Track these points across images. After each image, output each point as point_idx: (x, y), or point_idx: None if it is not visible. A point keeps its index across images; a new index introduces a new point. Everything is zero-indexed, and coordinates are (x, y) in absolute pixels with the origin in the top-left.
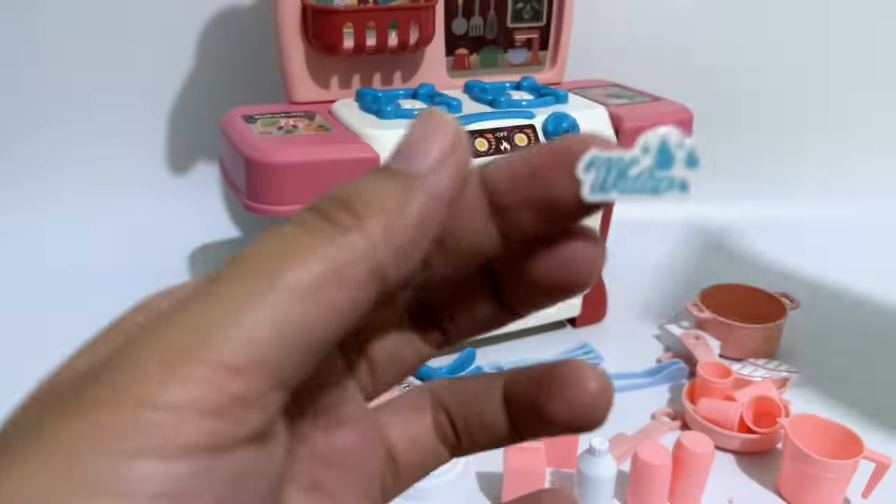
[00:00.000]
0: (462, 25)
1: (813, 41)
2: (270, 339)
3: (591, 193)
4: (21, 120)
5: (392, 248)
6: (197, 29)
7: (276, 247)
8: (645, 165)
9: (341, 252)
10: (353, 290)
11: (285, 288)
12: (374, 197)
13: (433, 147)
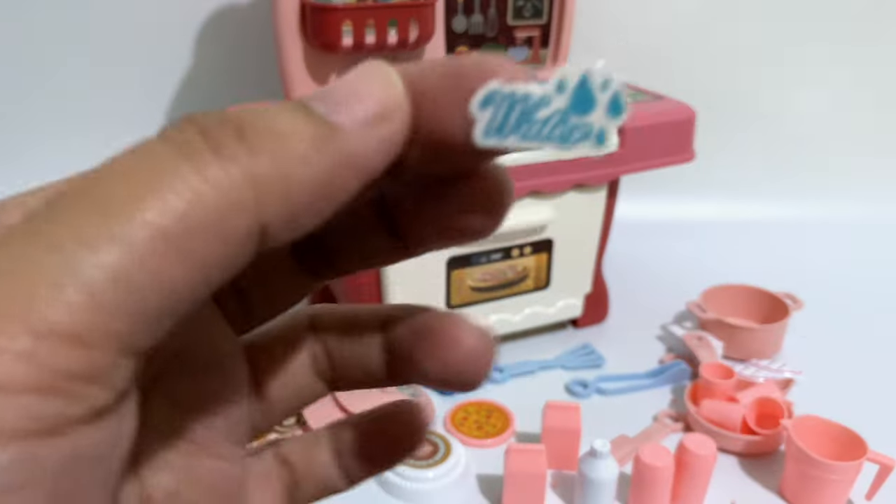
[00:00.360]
0: (462, 23)
1: (815, 40)
2: (117, 298)
3: (483, 136)
4: (17, 119)
5: (282, 206)
6: (195, 27)
7: (134, 169)
8: (557, 107)
9: (215, 191)
10: (227, 244)
11: (138, 230)
12: (276, 131)
13: (366, 100)
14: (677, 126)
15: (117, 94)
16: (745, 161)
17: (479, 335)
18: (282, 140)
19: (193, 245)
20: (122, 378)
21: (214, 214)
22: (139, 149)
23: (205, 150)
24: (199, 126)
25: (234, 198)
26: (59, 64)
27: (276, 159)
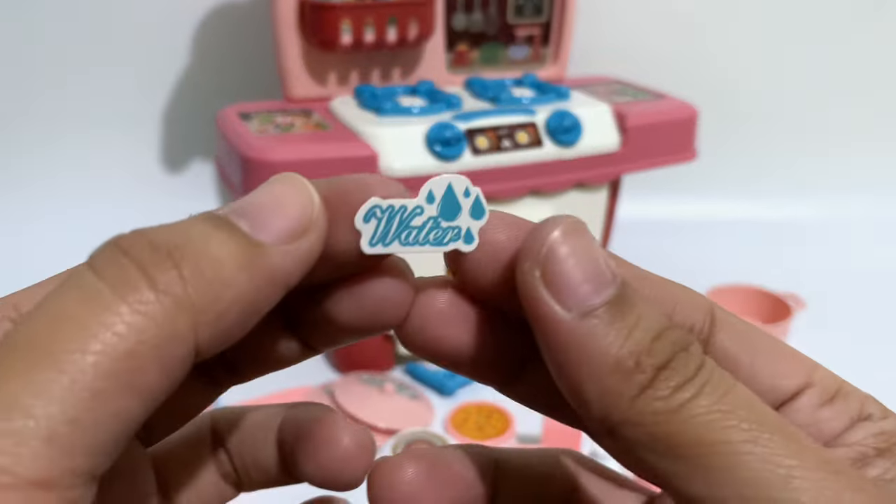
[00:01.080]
0: (462, 21)
1: (817, 40)
2: (74, 439)
3: (369, 246)
4: (13, 118)
5: (214, 328)
6: (192, 25)
7: (75, 312)
8: (430, 214)
9: (155, 327)
10: (167, 374)
11: (86, 374)
12: (208, 256)
13: (285, 216)
14: (679, 125)
15: (114, 92)
16: (747, 160)
17: (355, 436)
18: (212, 265)
19: (138, 378)
20: (87, 500)
21: (155, 349)
22: (77, 286)
23: (141, 285)
24: (131, 257)
25: (172, 330)
26: (57, 63)
27: (209, 285)
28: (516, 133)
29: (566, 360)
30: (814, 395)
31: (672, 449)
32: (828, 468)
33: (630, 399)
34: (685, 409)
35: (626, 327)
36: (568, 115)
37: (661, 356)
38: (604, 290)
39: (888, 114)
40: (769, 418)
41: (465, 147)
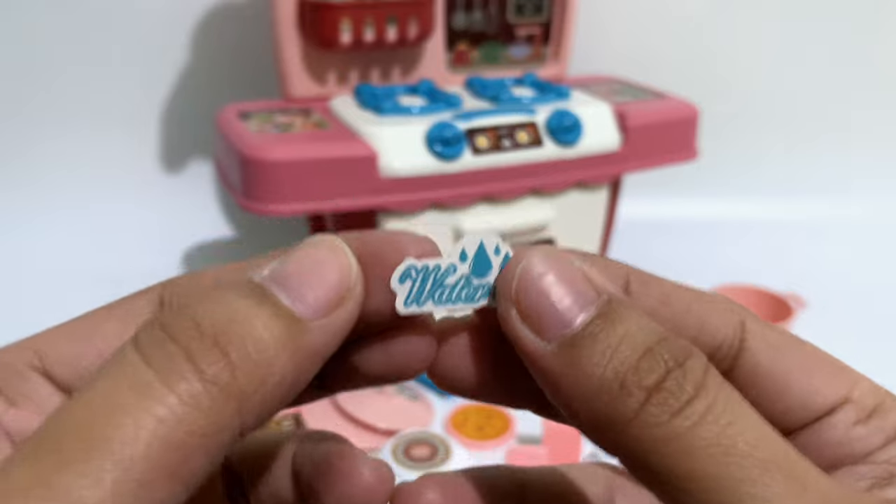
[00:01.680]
0: (462, 20)
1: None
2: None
3: (405, 306)
4: (12, 117)
5: (259, 410)
6: (191, 24)
7: (123, 397)
8: (462, 273)
9: (203, 418)
10: (212, 459)
11: (132, 462)
12: (253, 339)
13: (324, 285)
14: (680, 124)
15: (113, 91)
16: (748, 160)
17: (375, 469)
18: (258, 348)
19: (186, 467)
20: None
21: (202, 438)
22: (125, 374)
23: (190, 376)
24: (179, 344)
25: (218, 419)
26: (56, 63)
27: (255, 369)
28: (516, 132)
29: (556, 391)
30: (850, 411)
31: (669, 479)
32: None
33: (623, 424)
34: (682, 439)
35: (608, 347)
36: (568, 115)
37: (650, 376)
38: (581, 313)
39: (889, 113)
40: (778, 455)
41: (465, 146)
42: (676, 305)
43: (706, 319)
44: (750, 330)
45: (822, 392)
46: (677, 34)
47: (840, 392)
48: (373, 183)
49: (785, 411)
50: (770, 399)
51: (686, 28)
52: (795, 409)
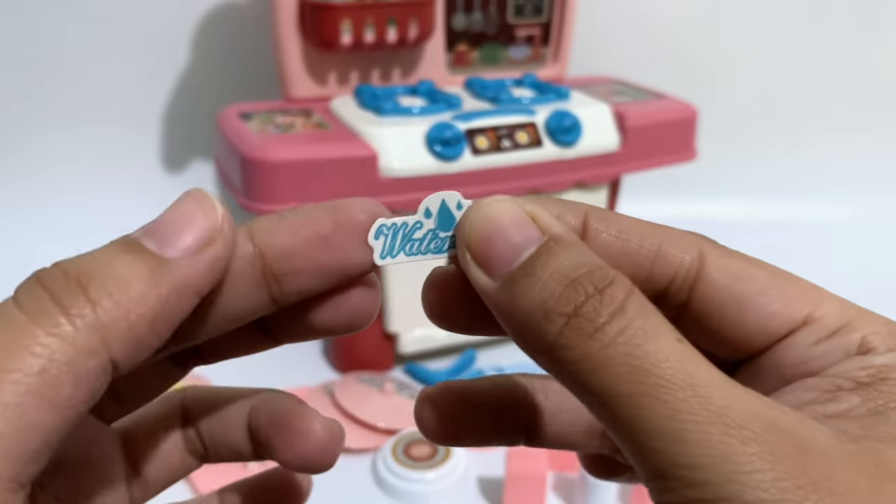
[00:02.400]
0: (462, 21)
1: (817, 39)
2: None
3: (380, 259)
4: (12, 118)
5: (126, 341)
6: (192, 25)
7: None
8: (428, 228)
9: (67, 346)
10: (82, 385)
11: (7, 393)
12: (114, 277)
13: (190, 230)
14: (679, 125)
15: (114, 92)
16: (747, 160)
17: (328, 428)
18: (118, 284)
19: (56, 392)
20: (20, 502)
21: (67, 364)
22: (2, 316)
23: (54, 311)
24: (46, 288)
25: (83, 347)
26: (58, 63)
27: (117, 304)
28: (516, 133)
29: (503, 323)
30: (810, 332)
31: (586, 397)
32: (723, 422)
33: (547, 348)
34: (594, 359)
35: (538, 281)
36: (568, 115)
37: (570, 304)
38: (523, 252)
39: (889, 113)
40: (682, 373)
41: (464, 147)
42: (633, 238)
43: (663, 249)
44: (708, 258)
45: (780, 315)
46: (676, 35)
47: (801, 313)
48: (373, 183)
49: (743, 337)
50: (728, 326)
51: (685, 29)
52: (754, 334)
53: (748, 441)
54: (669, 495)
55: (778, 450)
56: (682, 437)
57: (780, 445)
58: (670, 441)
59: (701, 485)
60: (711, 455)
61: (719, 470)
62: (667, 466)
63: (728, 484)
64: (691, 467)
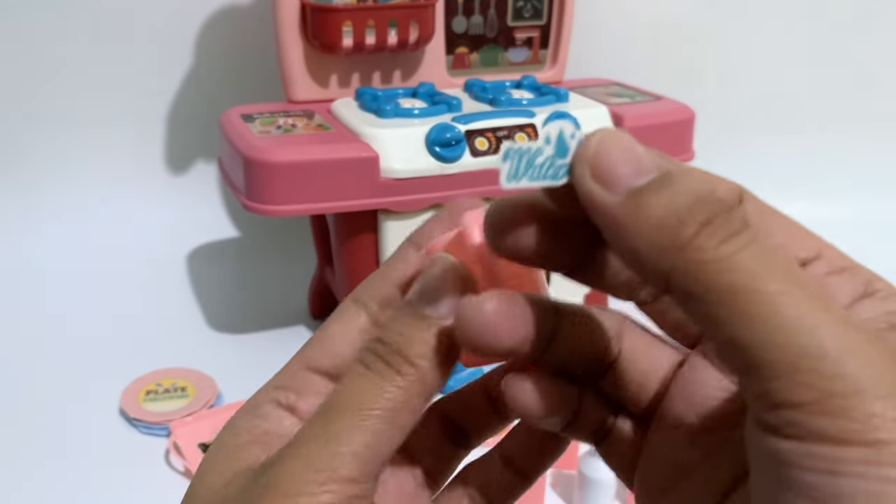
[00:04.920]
0: (462, 24)
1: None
2: (367, 456)
3: (507, 182)
4: (16, 119)
5: (438, 378)
6: (195, 27)
7: (361, 387)
8: (548, 154)
9: (404, 392)
10: (414, 414)
11: (372, 421)
12: (422, 346)
13: (450, 291)
14: (676, 126)
15: (118, 94)
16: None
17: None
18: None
19: (400, 421)
20: (373, 492)
21: (407, 403)
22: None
23: (390, 372)
24: (378, 353)
25: (415, 392)
26: (58, 63)
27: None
28: (515, 134)
29: (621, 236)
30: (822, 265)
31: (716, 295)
32: (849, 323)
33: (677, 250)
34: (729, 261)
35: (667, 195)
36: (566, 117)
37: (703, 214)
38: (645, 174)
39: (887, 113)
40: (804, 279)
41: (464, 148)
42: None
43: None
44: (746, 196)
45: (798, 246)
46: (673, 38)
47: (814, 248)
48: (374, 184)
49: None
50: None
51: (682, 32)
52: None
53: (872, 341)
54: (802, 391)
55: (893, 353)
56: (816, 332)
57: (892, 350)
58: (804, 334)
59: (835, 377)
60: (845, 349)
61: (853, 362)
62: (798, 360)
63: (861, 377)
64: (826, 359)
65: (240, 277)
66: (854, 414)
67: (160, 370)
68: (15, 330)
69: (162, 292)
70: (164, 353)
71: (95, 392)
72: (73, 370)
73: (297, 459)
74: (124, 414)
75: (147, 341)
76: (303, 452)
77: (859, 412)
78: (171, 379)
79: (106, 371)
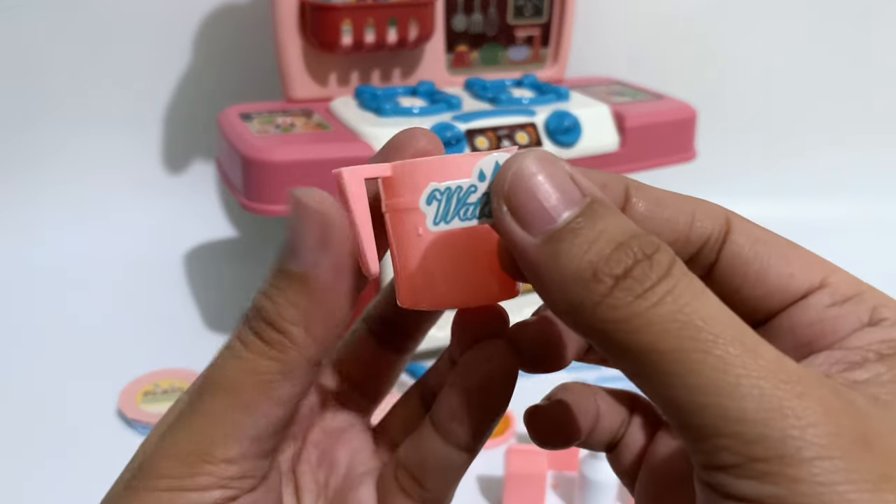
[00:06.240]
0: (462, 22)
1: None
2: (242, 435)
3: (434, 225)
4: (14, 118)
5: (317, 340)
6: (193, 26)
7: (233, 365)
8: (482, 191)
9: (278, 364)
10: (297, 382)
11: (246, 398)
12: (290, 310)
13: (307, 240)
14: (678, 125)
15: (116, 93)
16: (746, 161)
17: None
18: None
19: (281, 392)
20: (264, 469)
21: (285, 373)
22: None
23: (262, 346)
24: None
25: (290, 361)
26: (60, 65)
27: (297, 326)
28: (516, 133)
29: (539, 280)
30: (825, 295)
31: (631, 357)
32: (776, 377)
33: (591, 307)
34: (642, 317)
35: (586, 242)
36: (567, 116)
37: (620, 265)
38: (565, 211)
39: (889, 114)
40: (730, 329)
41: (465, 147)
42: (670, 206)
43: (696, 216)
44: (734, 224)
45: (798, 277)
46: (675, 36)
47: (817, 277)
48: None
49: (764, 295)
50: (751, 284)
51: (684, 30)
52: (774, 293)
53: (803, 395)
54: (723, 454)
55: (832, 405)
56: (735, 391)
57: (833, 401)
58: (724, 395)
59: (757, 440)
60: (767, 409)
61: (776, 424)
62: (720, 422)
63: (785, 440)
64: (747, 422)
65: (238, 277)
66: (777, 479)
67: (158, 371)
68: (12, 330)
69: (160, 292)
70: (162, 353)
71: (93, 393)
72: (71, 371)
73: (167, 440)
74: (122, 415)
75: (144, 342)
76: (173, 432)
77: (783, 477)
78: (169, 380)
79: (103, 372)
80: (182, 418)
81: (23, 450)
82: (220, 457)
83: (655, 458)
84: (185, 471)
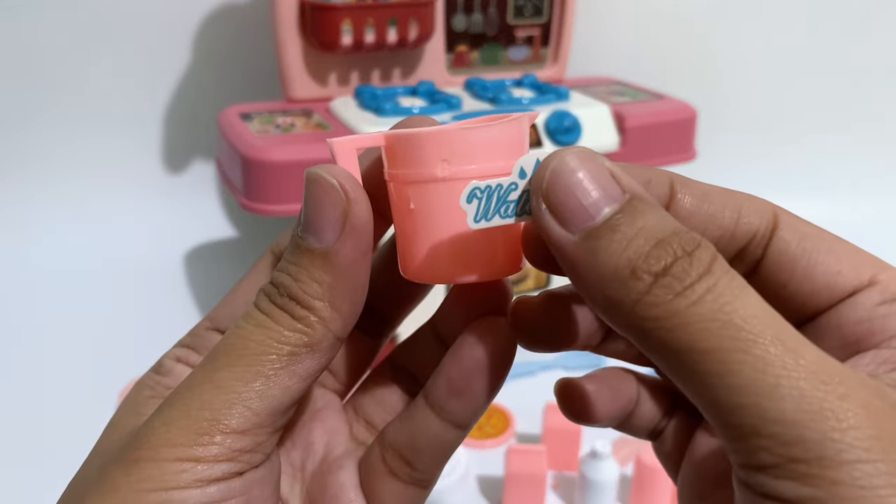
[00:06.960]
0: (462, 22)
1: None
2: (260, 406)
3: (475, 223)
4: (13, 118)
5: (342, 315)
6: (193, 26)
7: (258, 334)
8: (524, 189)
9: (305, 337)
10: (320, 357)
11: (267, 367)
12: (312, 286)
13: (329, 217)
14: (678, 125)
15: (115, 93)
16: (746, 161)
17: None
18: (316, 288)
19: (304, 367)
20: (271, 446)
21: (309, 347)
22: (252, 316)
23: (286, 319)
24: (275, 300)
25: (314, 335)
26: (60, 65)
27: (321, 301)
28: None
29: (578, 277)
30: (874, 292)
31: (670, 355)
32: (817, 377)
33: (630, 305)
34: (681, 315)
35: (625, 239)
36: (567, 116)
37: (659, 263)
38: (604, 208)
39: (889, 114)
40: (771, 329)
41: None
42: (716, 201)
43: (742, 212)
44: (782, 220)
45: (846, 274)
46: (675, 36)
47: (865, 275)
48: None
49: (811, 292)
50: (798, 281)
51: (684, 30)
52: (821, 290)
53: (845, 397)
54: (762, 455)
55: (874, 407)
56: (775, 392)
57: (876, 403)
58: (763, 396)
59: (796, 442)
60: (807, 410)
61: (816, 426)
62: (758, 422)
63: (824, 441)
64: (786, 423)
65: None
66: (817, 481)
67: None
68: (12, 330)
69: (160, 292)
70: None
71: (93, 393)
72: (72, 370)
73: (176, 409)
74: None
75: (144, 342)
76: (184, 401)
77: (822, 480)
78: None
79: (104, 372)
80: (193, 388)
81: (23, 449)
82: (234, 426)
83: (698, 454)
84: (195, 439)
